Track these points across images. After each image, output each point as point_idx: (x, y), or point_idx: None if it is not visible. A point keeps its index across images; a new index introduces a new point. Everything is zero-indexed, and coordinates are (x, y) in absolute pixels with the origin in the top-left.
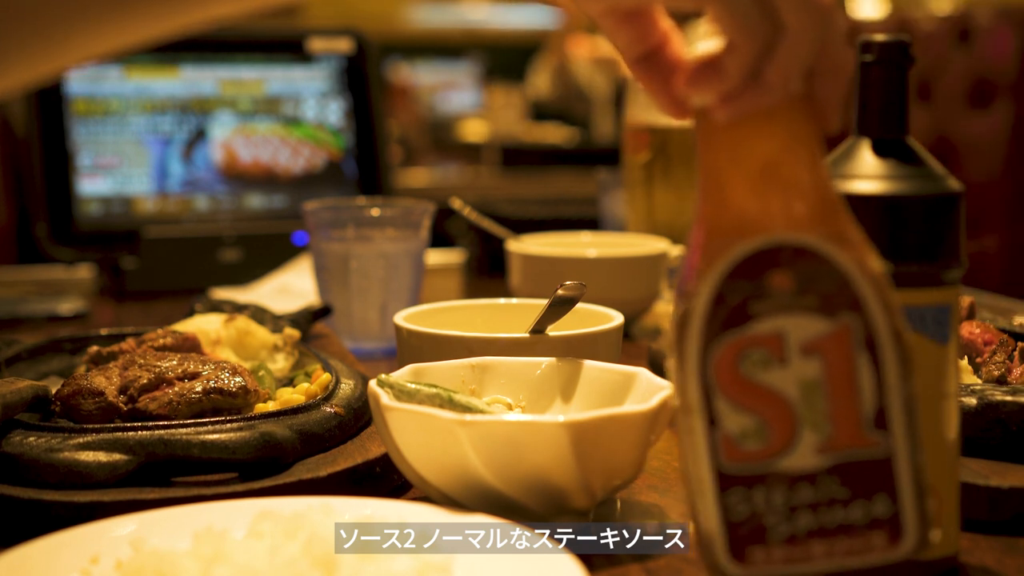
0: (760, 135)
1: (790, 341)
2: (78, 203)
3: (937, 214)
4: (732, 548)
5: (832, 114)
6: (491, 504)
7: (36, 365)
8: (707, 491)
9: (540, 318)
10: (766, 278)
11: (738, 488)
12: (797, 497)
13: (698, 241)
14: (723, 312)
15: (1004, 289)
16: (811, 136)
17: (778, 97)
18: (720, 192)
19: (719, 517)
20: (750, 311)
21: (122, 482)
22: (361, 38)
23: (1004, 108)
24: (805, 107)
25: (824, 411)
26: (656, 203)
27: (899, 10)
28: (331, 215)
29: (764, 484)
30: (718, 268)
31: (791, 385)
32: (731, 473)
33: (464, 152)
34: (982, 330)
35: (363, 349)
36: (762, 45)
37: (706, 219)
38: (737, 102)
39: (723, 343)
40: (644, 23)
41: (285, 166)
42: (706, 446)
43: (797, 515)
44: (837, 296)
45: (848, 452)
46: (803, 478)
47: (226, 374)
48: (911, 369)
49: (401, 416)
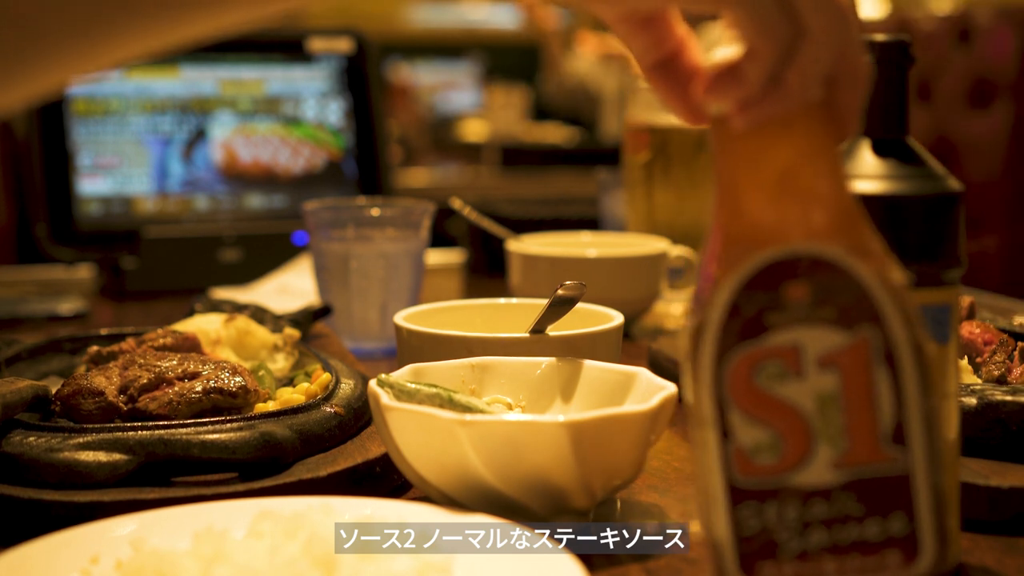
0: (778, 143)
1: (807, 354)
2: (78, 203)
3: (937, 214)
4: (742, 563)
5: (851, 121)
6: (491, 504)
7: (36, 365)
8: (719, 504)
9: (540, 318)
10: (783, 289)
11: (750, 502)
12: (810, 513)
13: (714, 250)
14: (738, 323)
15: (1004, 289)
16: (830, 144)
17: (797, 103)
18: (737, 201)
19: (730, 531)
20: (766, 322)
21: (122, 482)
22: (361, 38)
23: (1004, 108)
24: (824, 114)
25: (840, 425)
26: (656, 203)
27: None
28: (331, 215)
29: (777, 499)
30: (734, 278)
31: (807, 398)
32: (743, 487)
33: (464, 152)
34: (982, 330)
35: (363, 349)
36: (783, 49)
37: (722, 228)
38: (756, 109)
39: (738, 354)
40: (660, 28)
41: (285, 166)
42: (719, 459)
43: (810, 531)
44: (855, 308)
45: (864, 468)
46: (817, 494)
47: (226, 374)
48: (931, 383)
49: (401, 416)
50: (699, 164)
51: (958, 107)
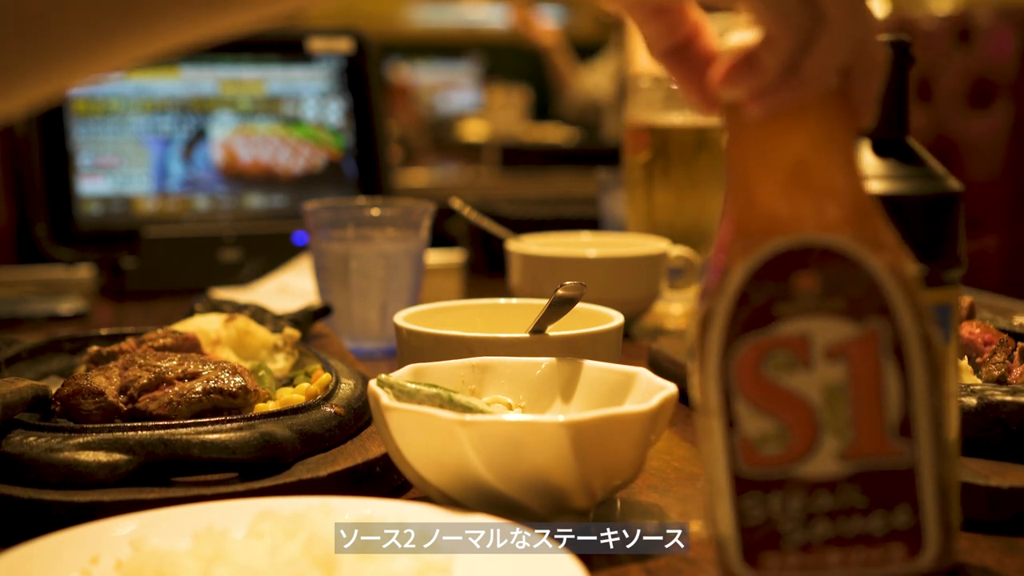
0: (792, 132)
1: (815, 344)
2: (78, 203)
3: (937, 214)
4: (746, 553)
5: (866, 111)
6: (491, 504)
7: (36, 365)
8: (723, 494)
9: (540, 318)
10: (793, 279)
11: (755, 492)
12: (815, 504)
13: (724, 239)
14: (747, 312)
15: (1004, 289)
16: (844, 134)
17: (813, 92)
18: (748, 190)
19: (734, 521)
20: (775, 312)
21: (122, 482)
22: (361, 38)
23: (1004, 108)
24: (839, 104)
25: (847, 417)
26: (656, 203)
27: (899, 10)
28: (331, 215)
29: (782, 489)
30: (743, 267)
31: (814, 389)
32: (748, 477)
33: (464, 152)
34: (982, 330)
35: (363, 349)
36: (801, 38)
37: (733, 217)
38: (771, 97)
39: (746, 344)
40: (674, 15)
41: (285, 166)
42: (724, 448)
43: (814, 522)
44: (866, 300)
45: (870, 460)
46: (822, 485)
47: (226, 374)
48: (940, 377)
49: (401, 416)
50: (699, 164)
51: (958, 107)
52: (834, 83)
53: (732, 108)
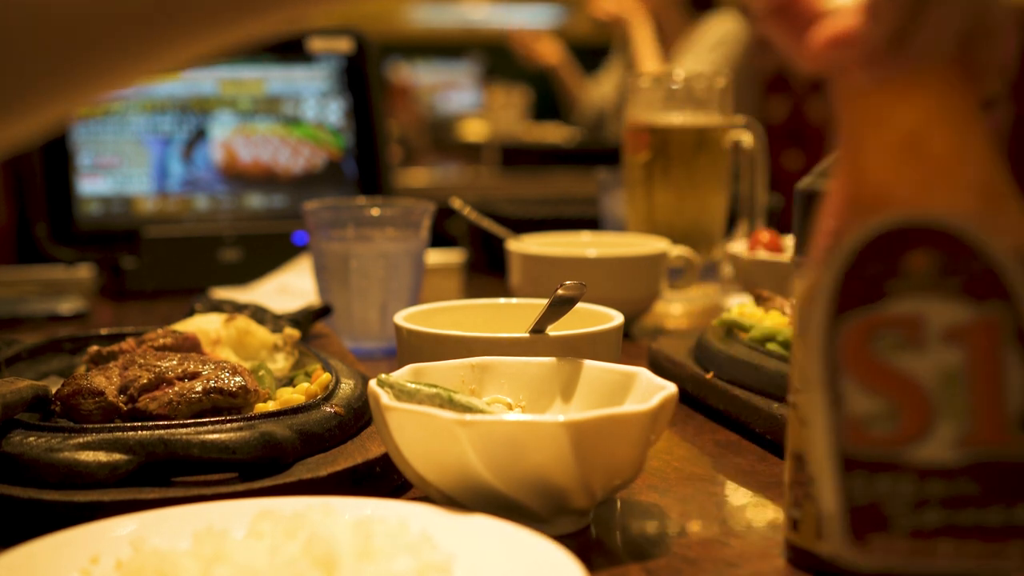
0: (905, 101)
1: (929, 325)
2: (78, 203)
3: None
4: (853, 531)
5: (991, 81)
6: (491, 504)
7: (36, 365)
8: (826, 472)
9: (540, 318)
10: (906, 257)
11: (862, 472)
12: (927, 490)
13: (831, 210)
14: (855, 287)
15: None
16: (964, 104)
17: (930, 58)
18: (858, 161)
19: (839, 499)
20: (885, 289)
21: (122, 482)
22: (361, 38)
23: (1004, 108)
24: (959, 72)
25: (964, 404)
26: (656, 203)
27: None
28: (331, 215)
29: (890, 472)
30: (852, 241)
31: (928, 372)
32: (854, 456)
33: (464, 152)
34: None
35: (363, 349)
36: (911, 3)
37: (843, 186)
38: (883, 62)
39: (853, 320)
40: None
41: (285, 166)
42: (827, 425)
43: (925, 509)
44: (985, 283)
45: (989, 450)
46: (935, 472)
47: (226, 374)
48: None
49: (401, 416)
50: (699, 164)
51: None
52: (950, 50)
53: (841, 72)
